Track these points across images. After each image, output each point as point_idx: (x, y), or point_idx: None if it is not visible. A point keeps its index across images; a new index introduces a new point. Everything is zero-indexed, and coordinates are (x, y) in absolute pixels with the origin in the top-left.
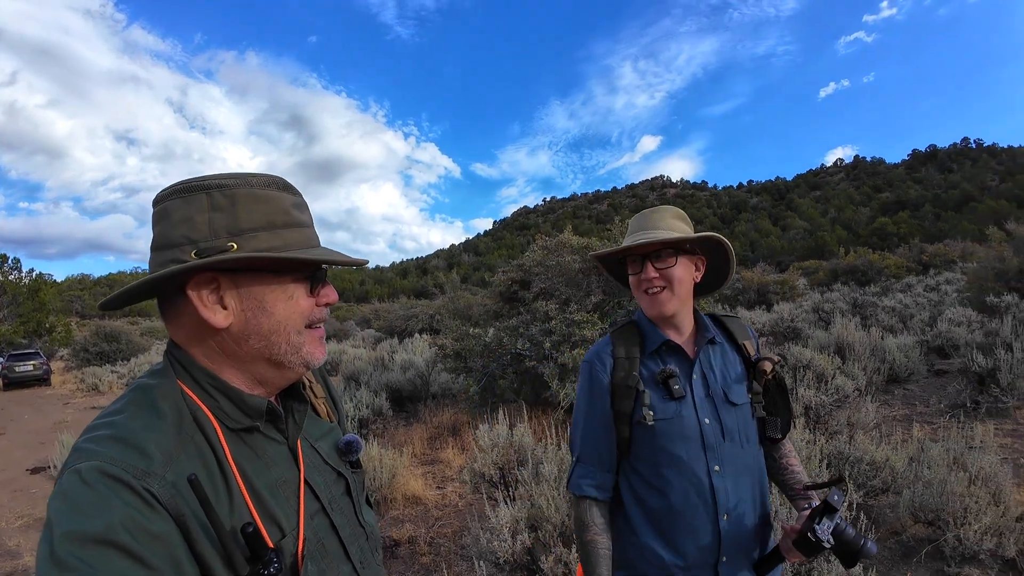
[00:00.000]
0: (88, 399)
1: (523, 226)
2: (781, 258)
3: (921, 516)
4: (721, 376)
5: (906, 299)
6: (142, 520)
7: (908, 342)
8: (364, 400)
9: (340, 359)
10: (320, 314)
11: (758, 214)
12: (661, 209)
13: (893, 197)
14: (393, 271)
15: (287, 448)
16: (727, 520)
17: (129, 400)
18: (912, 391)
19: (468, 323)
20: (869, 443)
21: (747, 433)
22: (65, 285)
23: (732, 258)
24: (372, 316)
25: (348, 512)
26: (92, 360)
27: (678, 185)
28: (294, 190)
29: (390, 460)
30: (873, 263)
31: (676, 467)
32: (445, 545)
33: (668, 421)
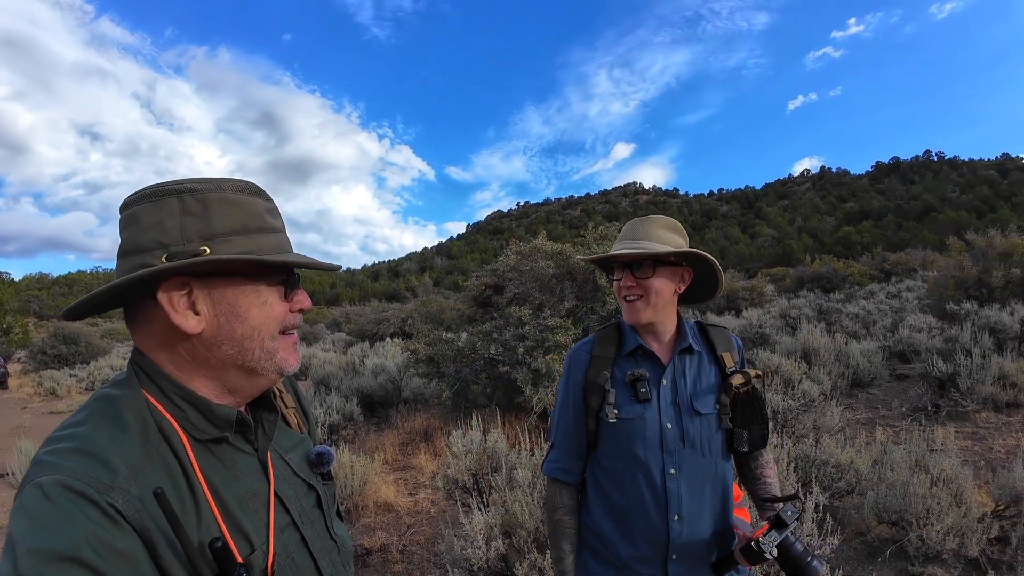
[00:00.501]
0: (46, 403)
1: (497, 230)
2: (750, 265)
3: (885, 517)
4: (692, 384)
5: (869, 306)
6: (107, 536)
7: (871, 347)
8: (334, 405)
9: (310, 363)
10: (294, 320)
11: (728, 222)
12: (653, 219)
13: (857, 207)
14: (364, 274)
15: (256, 459)
16: (677, 521)
17: (92, 411)
18: (875, 395)
19: (441, 327)
20: (834, 446)
21: (710, 442)
22: (23, 284)
23: (719, 272)
24: (343, 319)
25: (319, 525)
26: (50, 363)
27: (650, 192)
28: (267, 195)
29: (361, 467)
30: (838, 271)
31: (634, 465)
32: (418, 553)
33: (631, 421)
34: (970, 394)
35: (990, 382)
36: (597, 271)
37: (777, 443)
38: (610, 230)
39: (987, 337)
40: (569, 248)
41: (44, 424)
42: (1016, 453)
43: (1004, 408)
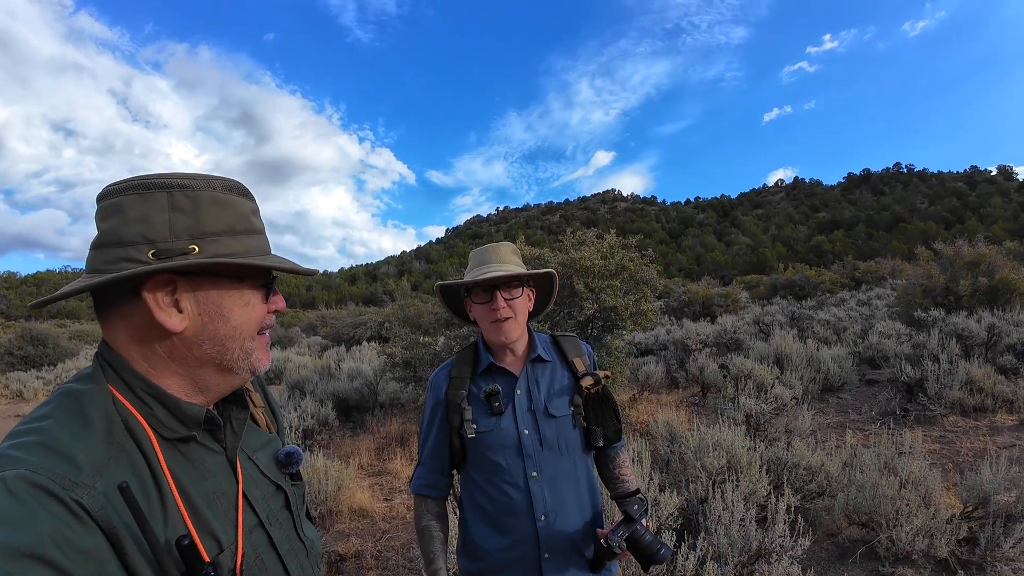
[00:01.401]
0: (12, 406)
1: (476, 234)
2: (725, 272)
3: (855, 518)
4: (546, 391)
5: (840, 313)
6: (70, 534)
7: (841, 353)
8: (309, 410)
9: (284, 367)
10: (270, 320)
11: (704, 230)
12: (501, 245)
13: (829, 217)
14: (342, 277)
15: (225, 458)
16: (544, 520)
17: (56, 405)
18: (845, 400)
19: (418, 331)
20: (805, 449)
21: (567, 442)
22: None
23: (556, 288)
24: (319, 323)
25: (287, 527)
26: (17, 364)
27: (628, 199)
28: (252, 196)
29: (336, 472)
30: (810, 278)
31: (498, 473)
32: (393, 559)
33: (489, 433)
34: (938, 399)
35: (957, 387)
36: (574, 279)
37: (750, 446)
38: (588, 236)
39: (954, 343)
40: (547, 253)
41: (9, 427)
42: (983, 456)
43: (971, 412)
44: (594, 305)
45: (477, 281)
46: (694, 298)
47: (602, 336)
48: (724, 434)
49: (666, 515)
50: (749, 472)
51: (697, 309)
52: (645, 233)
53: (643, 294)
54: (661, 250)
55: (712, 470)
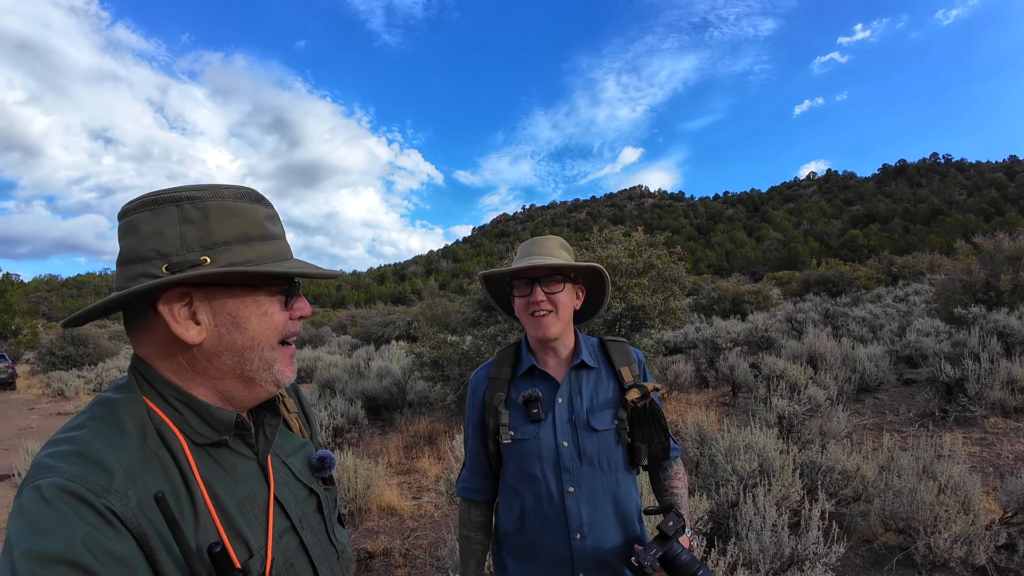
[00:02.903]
0: (54, 404)
1: (502, 233)
2: (755, 268)
3: (892, 524)
4: (589, 401)
5: (876, 309)
6: (103, 540)
7: (878, 352)
8: (339, 408)
9: (315, 366)
10: (294, 328)
11: (733, 225)
12: (549, 238)
13: (864, 210)
14: (370, 276)
15: (257, 463)
16: (579, 539)
17: (91, 415)
18: (882, 400)
19: (446, 330)
20: (841, 452)
21: (608, 458)
22: (32, 286)
23: (608, 288)
24: (348, 322)
25: (319, 531)
26: (58, 364)
27: (656, 195)
28: (266, 202)
29: (365, 470)
30: (844, 274)
31: (532, 484)
32: (421, 557)
33: (525, 442)
34: (978, 399)
35: (998, 387)
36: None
37: (782, 449)
38: (615, 233)
39: (995, 341)
40: (574, 251)
41: (51, 425)
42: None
43: (1013, 413)
44: (622, 304)
45: (514, 270)
46: (724, 295)
47: (630, 335)
48: (756, 436)
49: (696, 519)
50: (782, 476)
51: (727, 306)
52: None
53: (671, 292)
54: (689, 246)
55: (743, 473)
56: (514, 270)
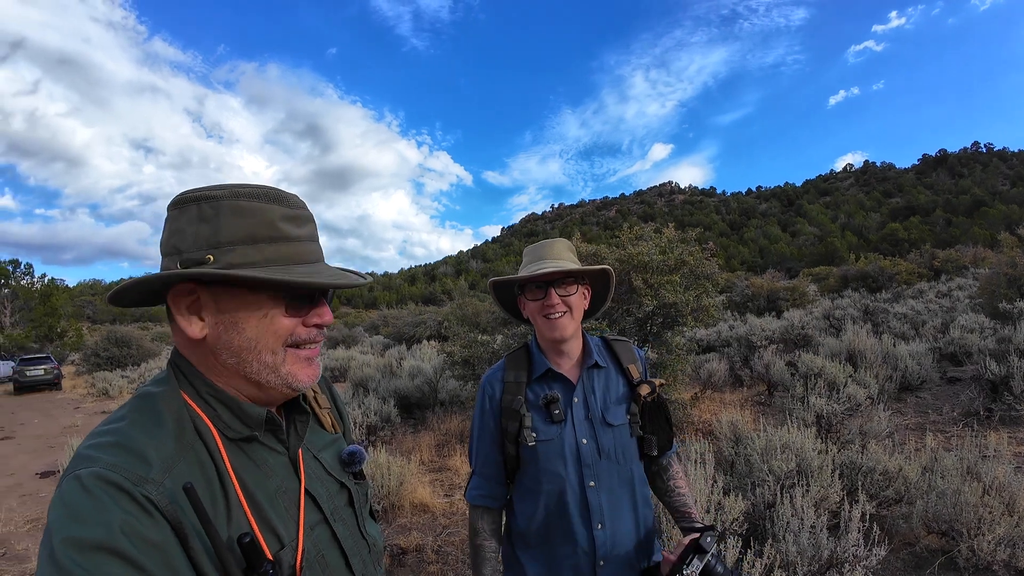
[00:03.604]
0: (98, 403)
1: (531, 232)
2: (791, 264)
3: (934, 527)
4: (602, 398)
5: (918, 305)
6: (140, 527)
7: (920, 349)
8: (372, 407)
9: (348, 365)
10: (307, 334)
11: (767, 220)
12: (556, 241)
13: (903, 202)
14: (401, 277)
15: (287, 458)
16: (601, 530)
17: (132, 407)
18: (925, 399)
19: (476, 330)
20: (882, 453)
21: (624, 451)
22: (77, 290)
23: (612, 287)
24: (380, 322)
25: (351, 524)
26: (103, 365)
27: (686, 192)
28: (290, 201)
29: (398, 467)
30: (884, 269)
31: (555, 483)
32: (453, 554)
33: (549, 442)
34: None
35: None
36: (632, 275)
37: (821, 449)
38: (646, 230)
39: None
40: (604, 249)
41: (95, 423)
42: None
43: None
44: (653, 302)
45: (529, 277)
46: (758, 292)
47: (662, 333)
48: (793, 435)
49: (731, 520)
50: (820, 476)
51: (761, 303)
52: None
53: (704, 289)
54: (722, 243)
55: (780, 473)
56: (531, 276)
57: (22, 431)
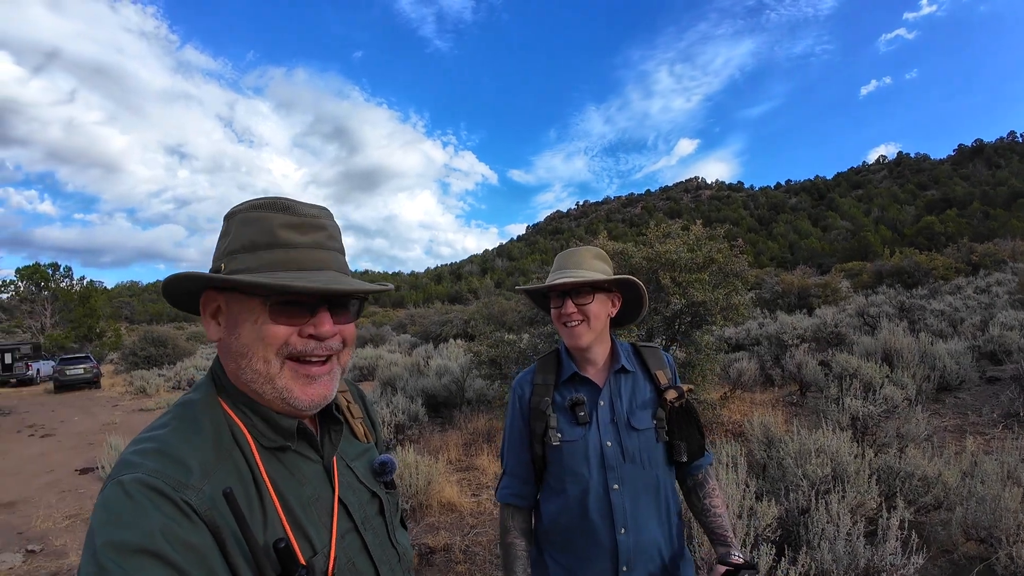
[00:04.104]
0: (136, 401)
1: (556, 230)
2: (822, 260)
3: (973, 534)
4: (628, 402)
5: (956, 302)
6: (179, 531)
7: (959, 348)
8: (400, 406)
9: (377, 364)
10: (302, 345)
11: (797, 215)
12: (582, 250)
13: (939, 195)
14: (428, 276)
15: (322, 467)
16: (624, 534)
17: (173, 415)
18: (963, 400)
19: (503, 329)
20: (921, 457)
21: (650, 456)
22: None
23: (644, 297)
24: (407, 321)
25: (381, 532)
26: (140, 364)
27: (713, 187)
28: (297, 210)
29: (426, 466)
30: (920, 264)
31: (579, 484)
32: (480, 555)
33: (573, 443)
34: None
35: None
36: (660, 273)
37: (857, 452)
38: (673, 227)
39: None
40: (631, 248)
41: (133, 420)
42: None
43: None
44: (682, 300)
45: (545, 287)
46: (788, 289)
47: (690, 332)
48: (828, 439)
49: (763, 526)
50: (856, 482)
51: (792, 300)
52: (732, 221)
53: (734, 287)
54: (750, 238)
55: (815, 478)
56: (547, 287)
57: (62, 428)
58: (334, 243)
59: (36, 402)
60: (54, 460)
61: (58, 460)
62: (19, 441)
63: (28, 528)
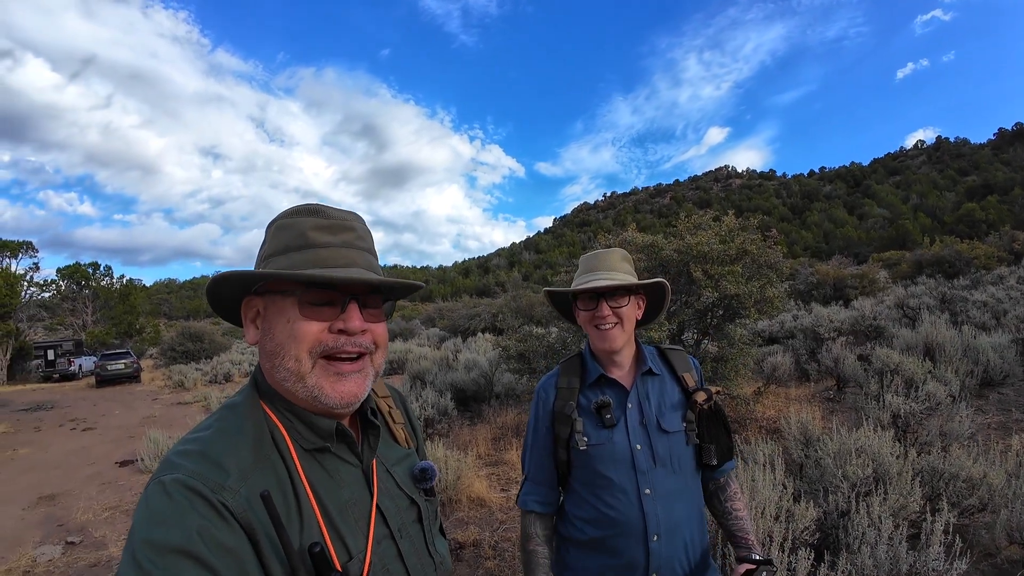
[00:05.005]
0: (175, 395)
1: (584, 223)
2: (859, 249)
3: (1016, 537)
4: (656, 405)
5: (999, 292)
6: (215, 532)
7: (1003, 341)
8: (429, 400)
9: (406, 358)
10: (333, 341)
11: (832, 203)
12: (611, 251)
13: (980, 180)
14: (455, 270)
15: (360, 471)
16: (657, 541)
17: (217, 417)
18: (1007, 395)
19: (531, 322)
20: (966, 458)
21: (680, 460)
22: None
23: (668, 297)
24: (436, 315)
25: (418, 541)
26: (178, 358)
27: (743, 175)
28: (327, 213)
29: (455, 461)
30: (961, 253)
31: (609, 489)
32: (509, 551)
33: (600, 447)
34: None
35: None
36: (691, 266)
37: (899, 452)
38: (704, 218)
39: None
40: (661, 240)
41: (172, 414)
42: None
43: None
44: (714, 293)
45: (581, 289)
46: (824, 280)
47: (723, 325)
48: (869, 438)
49: (801, 528)
50: (899, 483)
51: (828, 292)
52: (764, 211)
53: (768, 279)
54: (783, 228)
55: (855, 479)
56: (582, 290)
57: (103, 422)
58: (363, 243)
59: (78, 396)
60: (95, 453)
61: (99, 453)
62: (62, 435)
63: (69, 520)
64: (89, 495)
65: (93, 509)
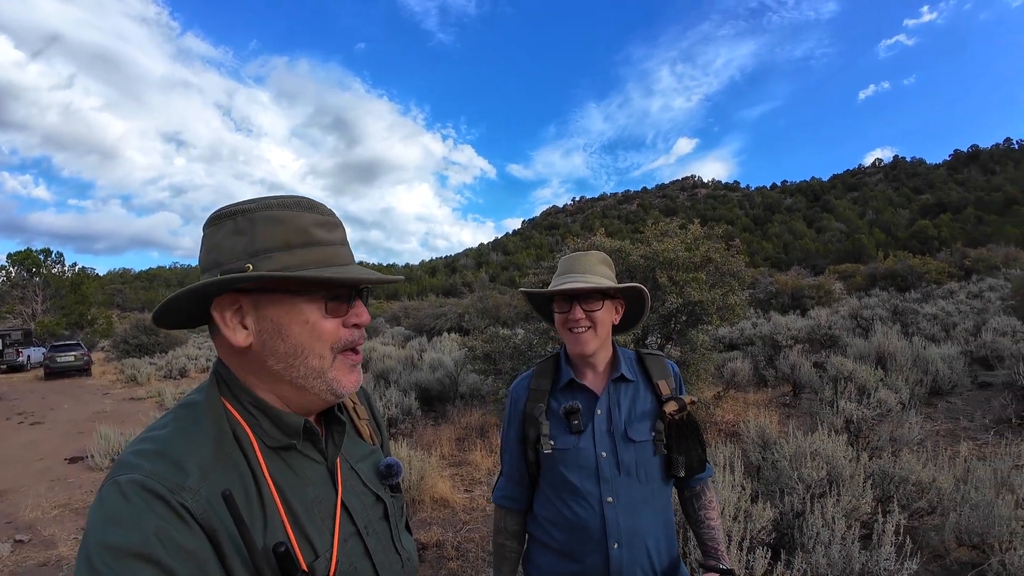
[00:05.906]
0: (127, 390)
1: (552, 225)
2: (816, 261)
3: (966, 539)
4: (627, 413)
5: (948, 306)
6: (174, 534)
7: (951, 352)
8: (393, 399)
9: (370, 356)
10: (350, 336)
11: (792, 215)
12: (590, 254)
13: (934, 199)
14: (423, 269)
15: (325, 468)
16: (617, 549)
17: (175, 415)
18: (955, 404)
19: (497, 323)
20: (915, 462)
21: (647, 469)
22: (107, 279)
23: (648, 303)
24: (401, 313)
25: (384, 538)
26: (131, 352)
27: (709, 185)
28: (321, 209)
29: (418, 461)
30: (913, 268)
31: (573, 494)
32: (472, 551)
33: (566, 452)
34: None
35: None
36: (657, 272)
37: (852, 456)
38: (671, 225)
39: None
40: (628, 246)
41: (124, 409)
42: None
43: None
44: (678, 299)
45: (554, 291)
46: (783, 289)
47: (686, 331)
48: (823, 442)
49: (758, 528)
50: (852, 485)
51: (786, 301)
52: (727, 220)
53: (730, 287)
54: (745, 238)
55: (810, 481)
56: (556, 291)
57: (52, 416)
58: (347, 239)
59: (26, 389)
60: (44, 448)
61: (48, 448)
62: (9, 428)
63: (16, 517)
64: (38, 492)
65: (42, 507)
